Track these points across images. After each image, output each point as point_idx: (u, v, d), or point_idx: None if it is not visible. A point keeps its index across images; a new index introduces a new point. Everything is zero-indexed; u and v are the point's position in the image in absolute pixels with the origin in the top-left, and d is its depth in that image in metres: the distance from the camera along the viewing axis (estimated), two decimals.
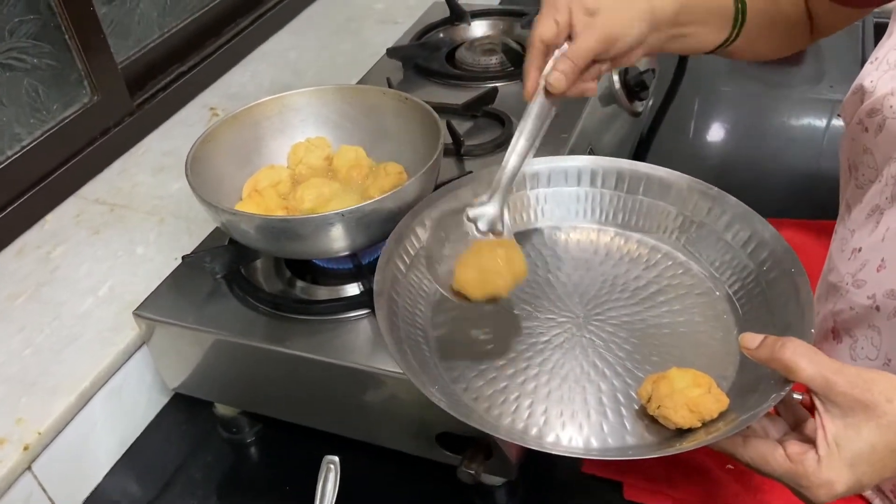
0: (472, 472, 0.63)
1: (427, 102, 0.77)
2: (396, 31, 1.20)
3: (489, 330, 0.64)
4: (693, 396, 0.53)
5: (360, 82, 1.04)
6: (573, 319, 0.64)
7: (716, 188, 0.69)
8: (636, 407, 0.57)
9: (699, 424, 0.53)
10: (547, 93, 0.61)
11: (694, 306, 0.65)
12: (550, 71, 0.60)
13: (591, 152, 0.92)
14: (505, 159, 0.62)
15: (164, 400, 0.83)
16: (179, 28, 1.12)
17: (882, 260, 0.63)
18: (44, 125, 0.93)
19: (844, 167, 0.72)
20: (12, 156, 0.89)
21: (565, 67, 0.60)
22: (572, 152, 0.88)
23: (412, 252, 0.66)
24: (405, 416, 0.67)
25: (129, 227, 0.90)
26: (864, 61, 1.36)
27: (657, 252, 0.70)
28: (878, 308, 0.63)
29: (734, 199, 0.68)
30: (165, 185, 0.96)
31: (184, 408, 0.82)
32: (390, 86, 0.99)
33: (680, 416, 0.53)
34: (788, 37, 0.76)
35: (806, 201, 1.11)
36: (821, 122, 1.27)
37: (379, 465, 0.74)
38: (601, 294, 0.66)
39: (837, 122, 1.25)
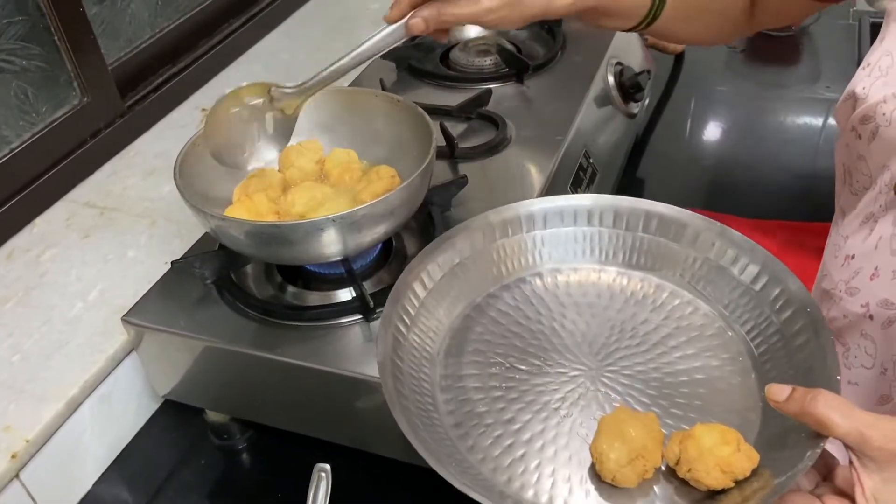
0: None
1: (420, 104, 0.76)
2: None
3: (500, 391, 0.60)
4: (724, 456, 0.51)
5: (353, 83, 1.03)
6: (585, 372, 0.61)
7: (718, 223, 0.66)
8: (663, 468, 0.54)
9: (732, 484, 0.51)
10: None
11: (707, 349, 0.62)
12: (415, 15, 0.63)
13: (586, 155, 0.92)
14: (333, 63, 0.66)
15: (155, 406, 0.82)
16: (171, 28, 1.11)
17: (875, 268, 0.62)
18: (33, 127, 0.92)
19: (840, 172, 0.71)
20: (1, 159, 0.88)
21: (429, 16, 0.63)
22: (567, 156, 0.88)
23: (412, 311, 0.62)
24: (397, 423, 0.67)
25: (119, 231, 0.89)
26: (860, 60, 1.36)
27: (663, 291, 0.67)
28: (871, 317, 0.62)
29: (738, 233, 0.65)
30: (156, 188, 0.96)
31: (174, 414, 0.81)
32: (384, 87, 0.98)
33: (713, 479, 0.51)
34: (722, 24, 0.75)
35: (802, 201, 1.11)
36: (817, 122, 1.26)
37: (372, 472, 0.73)
38: (611, 342, 0.63)
39: (833, 122, 1.24)
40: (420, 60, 1.05)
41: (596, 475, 0.54)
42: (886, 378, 0.62)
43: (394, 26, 0.66)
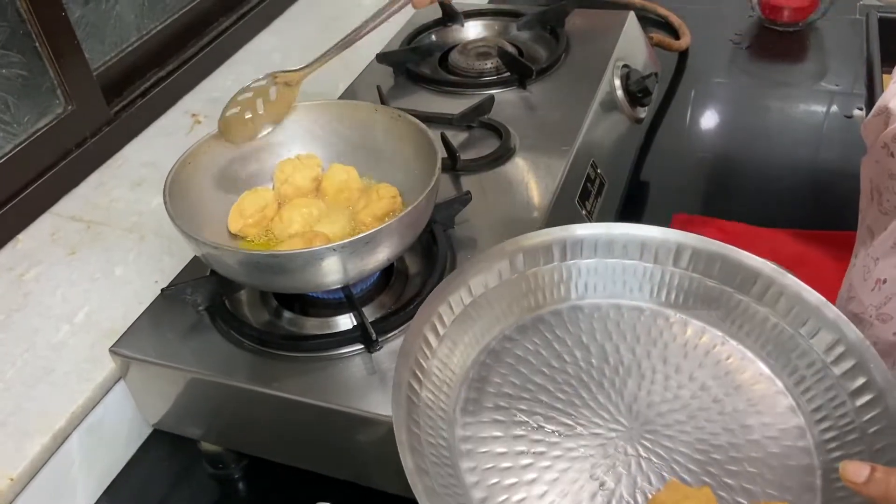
0: None
1: (420, 113, 0.73)
2: (385, 30, 1.15)
3: (528, 457, 0.54)
4: None
5: (348, 90, 0.99)
6: (623, 433, 0.55)
7: (797, 281, 0.58)
8: None
9: None
10: None
11: (760, 414, 0.56)
12: None
13: (594, 165, 0.88)
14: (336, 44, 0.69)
15: (146, 433, 0.78)
16: (158, 30, 1.07)
17: None
18: (15, 139, 0.88)
19: (866, 189, 0.68)
20: None
21: None
22: (574, 165, 0.84)
23: (424, 365, 0.56)
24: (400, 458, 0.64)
25: (106, 247, 0.86)
26: (868, 56, 1.32)
27: (718, 344, 0.60)
28: None
29: (825, 303, 0.58)
30: (145, 200, 0.92)
31: (167, 441, 0.78)
32: (381, 95, 0.94)
33: None
34: None
35: (810, 201, 1.08)
36: (821, 114, 1.23)
37: None
38: (653, 399, 0.57)
39: (835, 109, 1.21)
40: (418, 64, 1.01)
41: None
42: None
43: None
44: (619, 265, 0.64)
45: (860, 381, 0.54)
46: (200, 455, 0.75)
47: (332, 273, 0.61)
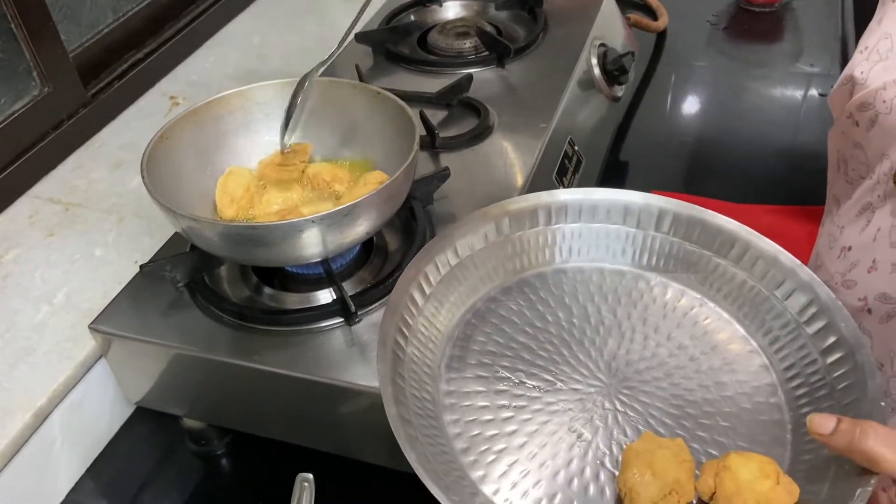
0: None
1: (399, 91, 0.73)
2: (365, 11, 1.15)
3: (509, 410, 0.55)
4: (763, 491, 0.47)
5: (327, 69, 0.99)
6: (601, 389, 0.56)
7: (773, 244, 0.60)
8: (694, 502, 0.50)
9: None
10: None
11: (733, 371, 0.57)
12: None
13: (571, 142, 0.89)
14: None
15: (129, 411, 0.78)
16: (135, 12, 1.06)
17: (874, 261, 0.61)
18: None
19: (833, 160, 0.70)
20: None
21: None
22: (551, 144, 0.85)
23: (410, 322, 0.57)
24: (383, 429, 0.64)
25: (85, 228, 0.85)
26: (843, 36, 1.34)
27: (695, 305, 0.62)
28: (869, 311, 0.61)
29: (791, 257, 0.60)
30: (124, 182, 0.91)
31: (150, 419, 0.78)
32: (359, 74, 0.94)
33: None
34: None
35: (785, 179, 1.09)
36: (798, 95, 1.25)
37: (356, 477, 0.71)
38: (631, 357, 0.58)
39: (813, 94, 1.23)
40: (397, 44, 1.02)
41: None
42: (884, 374, 0.61)
43: None
44: (602, 229, 0.65)
45: (831, 339, 0.55)
46: (183, 432, 0.76)
47: (311, 246, 0.62)
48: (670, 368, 0.58)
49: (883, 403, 0.50)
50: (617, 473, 0.51)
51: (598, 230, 0.65)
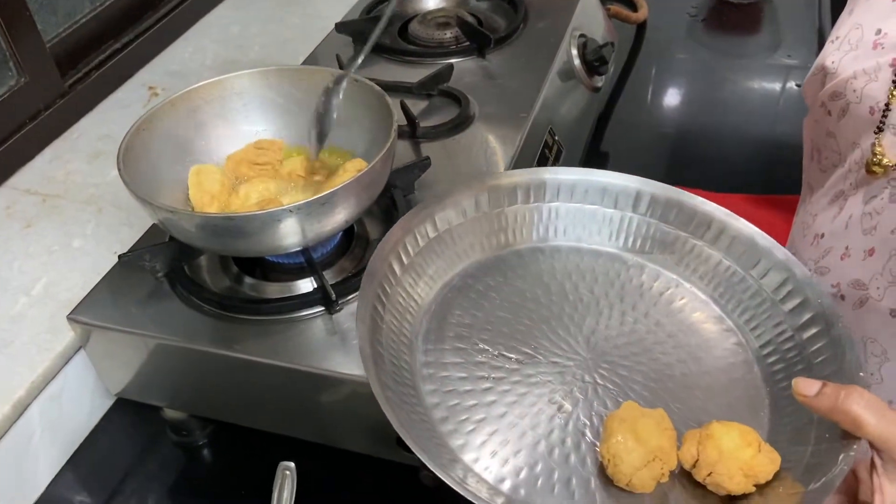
0: None
1: (379, 81, 0.73)
2: (346, 1, 1.15)
3: (488, 381, 0.56)
4: (746, 459, 0.47)
5: (308, 59, 0.99)
6: (580, 363, 0.57)
7: (751, 226, 0.61)
8: (676, 471, 0.50)
9: (753, 489, 0.48)
10: None
11: (708, 344, 0.58)
12: None
13: (552, 132, 0.89)
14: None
15: (109, 403, 0.78)
16: (113, 1, 1.05)
17: (846, 248, 0.61)
18: None
19: (808, 148, 0.70)
20: None
21: None
22: (532, 133, 0.86)
23: (388, 291, 0.57)
24: (364, 417, 0.65)
25: (63, 219, 0.85)
26: (821, 29, 1.35)
27: (671, 286, 0.63)
28: (842, 297, 0.62)
29: (771, 240, 0.61)
30: (102, 173, 0.91)
31: (130, 411, 0.78)
32: (340, 63, 0.94)
33: (735, 483, 0.47)
34: None
35: (763, 170, 1.11)
36: (776, 87, 1.26)
37: (337, 466, 0.71)
38: (610, 333, 0.59)
39: (791, 86, 1.24)
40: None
41: (605, 478, 0.50)
42: None
43: None
44: (579, 209, 0.66)
45: (807, 315, 0.56)
46: (164, 423, 0.76)
47: (290, 235, 0.62)
48: (648, 344, 0.58)
49: (862, 374, 0.51)
50: (598, 444, 0.51)
51: (575, 210, 0.66)
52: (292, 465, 0.63)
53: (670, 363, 0.57)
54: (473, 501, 0.44)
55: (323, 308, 0.66)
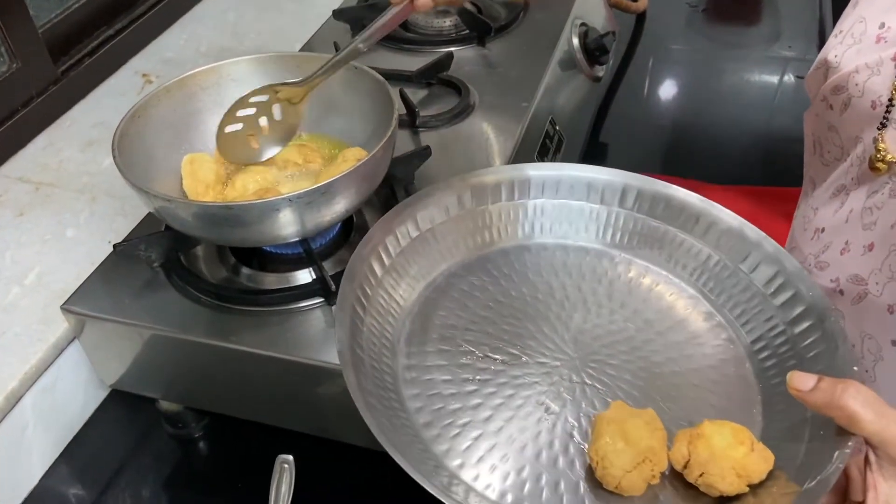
0: None
1: (379, 69, 0.72)
2: None
3: (473, 384, 0.54)
4: (738, 458, 0.46)
5: (304, 47, 0.97)
6: (567, 362, 0.55)
7: (740, 219, 0.60)
8: (667, 472, 0.49)
9: (746, 489, 0.46)
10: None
11: (698, 340, 0.57)
12: None
13: (552, 122, 0.88)
14: (338, 52, 0.66)
15: (103, 395, 0.77)
16: None
17: (846, 243, 0.61)
18: None
19: (809, 142, 0.70)
20: None
21: None
22: (532, 123, 0.85)
23: (369, 292, 0.56)
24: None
25: (57, 208, 0.83)
26: (821, 20, 1.35)
27: (661, 282, 0.61)
28: (841, 292, 0.61)
29: (766, 237, 0.59)
30: (96, 161, 0.89)
31: (125, 402, 0.77)
32: (337, 52, 0.92)
33: (727, 484, 0.46)
34: None
35: (762, 161, 1.10)
36: (775, 77, 1.25)
37: (336, 458, 0.70)
38: (596, 331, 0.58)
39: (790, 78, 1.24)
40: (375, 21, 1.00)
41: (594, 481, 0.48)
42: (855, 355, 0.61)
43: (398, 7, 0.65)
44: (565, 205, 0.65)
45: (798, 309, 0.55)
46: (160, 415, 0.75)
47: (288, 225, 0.61)
48: (637, 342, 0.57)
49: (856, 368, 0.50)
50: (586, 446, 0.50)
51: (561, 206, 0.65)
52: (291, 458, 0.62)
53: (660, 361, 0.56)
54: None
55: (322, 299, 0.65)
